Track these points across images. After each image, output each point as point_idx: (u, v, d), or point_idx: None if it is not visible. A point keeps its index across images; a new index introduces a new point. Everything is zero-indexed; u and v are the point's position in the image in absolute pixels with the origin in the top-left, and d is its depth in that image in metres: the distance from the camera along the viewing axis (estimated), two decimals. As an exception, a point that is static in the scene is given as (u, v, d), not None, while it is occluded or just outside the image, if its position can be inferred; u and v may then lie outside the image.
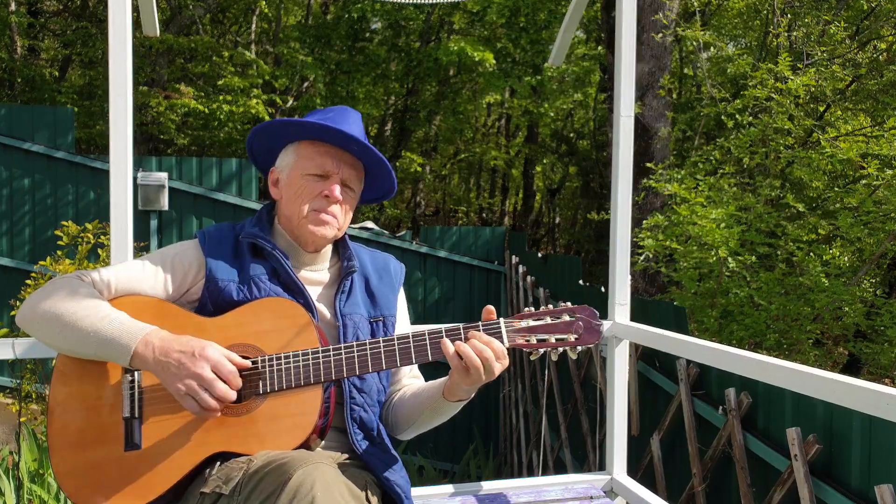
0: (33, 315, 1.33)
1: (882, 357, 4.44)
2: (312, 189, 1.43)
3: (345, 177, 1.45)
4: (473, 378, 1.26)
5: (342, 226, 1.48)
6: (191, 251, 1.45)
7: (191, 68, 11.64)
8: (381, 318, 1.50)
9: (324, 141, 1.44)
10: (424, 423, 1.48)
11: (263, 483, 1.15)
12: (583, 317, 1.33)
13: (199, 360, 1.22)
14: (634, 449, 3.46)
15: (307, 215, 1.43)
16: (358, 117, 1.50)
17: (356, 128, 1.45)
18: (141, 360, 1.25)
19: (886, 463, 2.35)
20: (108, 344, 1.27)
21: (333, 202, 1.43)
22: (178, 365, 1.22)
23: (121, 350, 1.26)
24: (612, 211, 2.33)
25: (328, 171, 1.43)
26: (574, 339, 1.32)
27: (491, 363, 1.25)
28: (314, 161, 1.43)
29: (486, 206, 16.36)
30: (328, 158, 1.43)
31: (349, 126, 1.43)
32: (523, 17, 10.20)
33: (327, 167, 1.43)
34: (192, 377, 1.22)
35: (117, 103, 1.84)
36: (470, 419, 7.87)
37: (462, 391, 1.35)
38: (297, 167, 1.45)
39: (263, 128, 1.47)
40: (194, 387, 1.21)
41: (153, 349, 1.25)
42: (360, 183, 1.51)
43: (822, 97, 6.07)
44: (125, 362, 1.27)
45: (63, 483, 1.30)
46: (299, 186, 1.43)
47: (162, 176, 7.08)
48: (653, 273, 5.66)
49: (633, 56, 2.29)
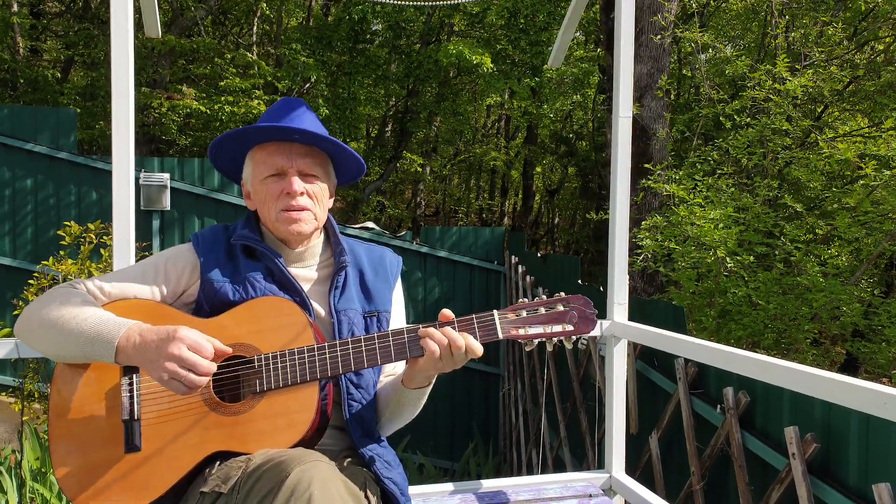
0: (29, 325, 1.35)
1: (880, 356, 4.45)
2: (274, 190, 1.43)
3: (300, 167, 1.44)
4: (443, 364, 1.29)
5: (319, 215, 1.47)
6: (185, 254, 1.46)
7: (193, 69, 11.67)
8: (375, 313, 1.50)
9: (270, 140, 1.45)
10: (393, 417, 1.48)
11: (261, 481, 1.15)
12: (577, 306, 1.34)
13: (174, 341, 1.23)
14: (633, 447, 3.47)
15: (277, 217, 1.43)
16: (302, 105, 1.49)
17: (300, 118, 1.45)
18: (124, 354, 1.26)
19: (884, 461, 2.36)
20: (92, 342, 1.27)
21: (296, 195, 1.42)
22: (156, 350, 1.23)
23: (105, 346, 1.26)
24: (610, 211, 2.35)
25: (281, 168, 1.43)
26: (568, 329, 1.33)
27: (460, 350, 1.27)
28: (266, 163, 1.44)
29: (485, 207, 16.37)
30: (277, 156, 1.44)
31: (290, 118, 1.44)
32: (523, 19, 10.21)
33: (279, 164, 1.43)
34: (171, 359, 1.22)
35: (119, 104, 1.85)
36: (470, 418, 7.89)
37: (422, 378, 1.37)
38: (256, 175, 1.46)
39: (215, 146, 1.48)
40: (176, 369, 1.21)
41: (133, 342, 1.25)
42: (322, 168, 1.48)
43: (819, 98, 6.08)
44: (110, 359, 1.27)
45: (64, 486, 1.31)
46: (263, 192, 1.44)
47: (164, 176, 7.10)
48: (651, 273, 5.67)
49: (631, 57, 2.31)
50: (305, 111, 1.48)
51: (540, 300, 1.36)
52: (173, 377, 1.22)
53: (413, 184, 14.40)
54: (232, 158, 1.53)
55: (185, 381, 1.22)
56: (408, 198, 15.21)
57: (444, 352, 1.28)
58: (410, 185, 14.76)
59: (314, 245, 1.52)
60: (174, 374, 1.22)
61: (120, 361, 1.27)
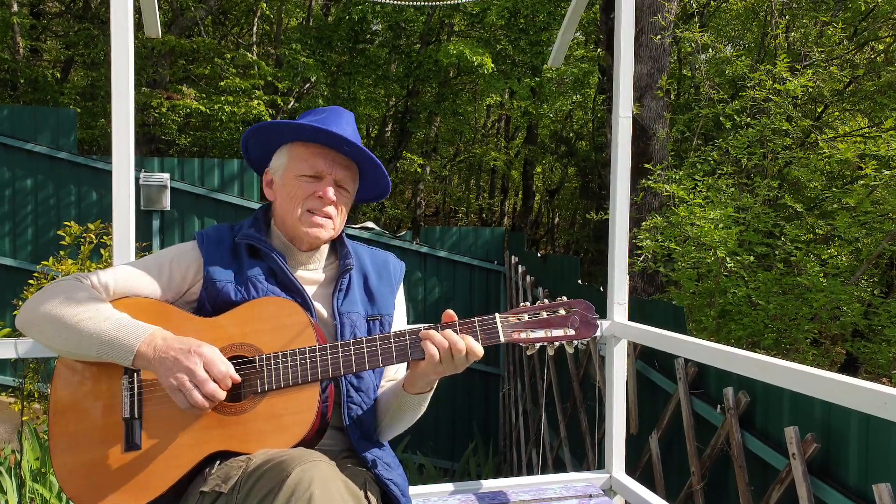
0: (33, 318, 1.34)
1: (880, 356, 4.45)
2: (305, 190, 1.43)
3: (338, 177, 1.45)
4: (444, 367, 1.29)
5: (337, 226, 1.48)
6: (189, 252, 1.46)
7: (193, 69, 11.67)
8: (378, 316, 1.50)
9: (316, 142, 1.44)
10: (392, 423, 1.48)
11: (262, 481, 1.15)
12: (578, 311, 1.33)
13: (193, 355, 1.24)
14: (633, 448, 3.47)
15: (301, 216, 1.43)
16: (351, 118, 1.50)
17: (349, 128, 1.45)
18: (143, 359, 1.27)
19: (884, 461, 2.36)
20: (110, 344, 1.28)
21: (327, 203, 1.43)
22: (173, 360, 1.24)
23: (124, 350, 1.27)
24: (610, 211, 2.35)
25: (321, 172, 1.43)
26: (570, 334, 1.32)
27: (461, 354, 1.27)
28: (307, 162, 1.44)
29: (485, 207, 16.37)
30: (320, 159, 1.44)
31: (341, 127, 1.43)
32: (523, 19, 10.21)
33: (320, 168, 1.43)
34: (185, 372, 1.23)
35: (119, 104, 1.84)
36: (470, 418, 7.89)
37: (423, 383, 1.37)
38: (291, 168, 1.45)
39: (257, 129, 1.47)
40: (185, 382, 1.23)
41: (154, 348, 1.26)
42: (353, 183, 1.50)
43: (819, 98, 6.08)
44: (128, 362, 1.28)
45: (65, 485, 1.31)
46: (293, 188, 1.44)
47: (164, 176, 7.10)
48: (651, 273, 5.67)
49: (631, 57, 2.31)
50: (352, 123, 1.49)
51: (542, 304, 1.35)
52: (180, 388, 1.23)
53: (413, 184, 14.40)
54: (265, 147, 1.51)
55: (189, 396, 1.23)
56: (408, 198, 15.21)
57: (444, 355, 1.28)
58: (410, 185, 14.75)
59: (321, 248, 1.52)
60: (181, 385, 1.23)
61: (136, 366, 1.28)
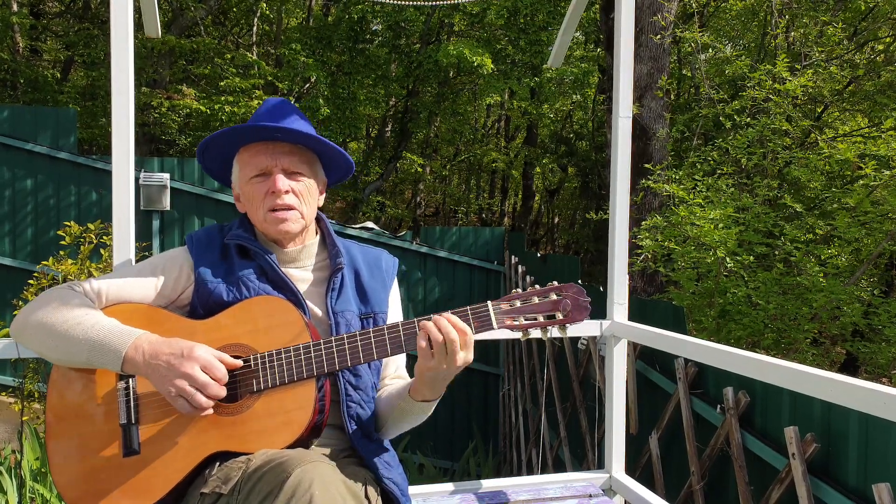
0: (26, 326, 1.34)
1: (879, 356, 4.45)
2: (260, 191, 1.43)
3: (284, 166, 1.44)
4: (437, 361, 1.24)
5: (306, 214, 1.46)
6: (180, 257, 1.47)
7: (193, 69, 11.67)
8: (371, 314, 1.49)
9: (256, 141, 1.45)
10: (395, 424, 1.47)
11: (262, 482, 1.15)
12: (570, 294, 1.33)
13: (188, 360, 1.23)
14: (633, 447, 3.47)
15: (265, 217, 1.43)
16: (285, 105, 1.48)
17: (282, 116, 1.45)
18: (132, 364, 1.26)
19: (884, 461, 2.36)
20: (98, 350, 1.27)
21: (281, 194, 1.42)
22: (167, 366, 1.23)
23: (111, 355, 1.27)
24: (610, 211, 2.34)
25: (266, 167, 1.43)
26: (562, 318, 1.32)
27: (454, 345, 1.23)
28: (251, 164, 1.45)
29: (485, 207, 16.37)
30: (262, 156, 1.44)
31: (273, 118, 1.44)
32: (522, 19, 10.21)
33: (263, 164, 1.43)
34: (183, 377, 1.22)
35: (119, 104, 1.84)
36: (469, 418, 7.89)
37: (426, 389, 1.34)
38: (243, 176, 1.46)
39: (202, 148, 1.48)
40: (185, 387, 1.22)
41: (143, 353, 1.26)
42: (307, 165, 1.47)
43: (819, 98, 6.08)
44: (117, 367, 1.27)
45: (65, 493, 1.30)
46: (250, 193, 1.45)
47: (164, 176, 7.10)
48: (651, 273, 5.67)
49: (631, 57, 2.30)
50: (289, 110, 1.48)
51: (533, 289, 1.34)
52: (181, 394, 1.23)
53: (413, 184, 14.41)
54: (222, 162, 1.53)
55: (192, 401, 1.23)
56: (408, 198, 15.21)
57: (435, 340, 1.23)
58: (410, 185, 14.76)
59: (309, 246, 1.51)
60: (182, 392, 1.23)
61: (126, 371, 1.28)
